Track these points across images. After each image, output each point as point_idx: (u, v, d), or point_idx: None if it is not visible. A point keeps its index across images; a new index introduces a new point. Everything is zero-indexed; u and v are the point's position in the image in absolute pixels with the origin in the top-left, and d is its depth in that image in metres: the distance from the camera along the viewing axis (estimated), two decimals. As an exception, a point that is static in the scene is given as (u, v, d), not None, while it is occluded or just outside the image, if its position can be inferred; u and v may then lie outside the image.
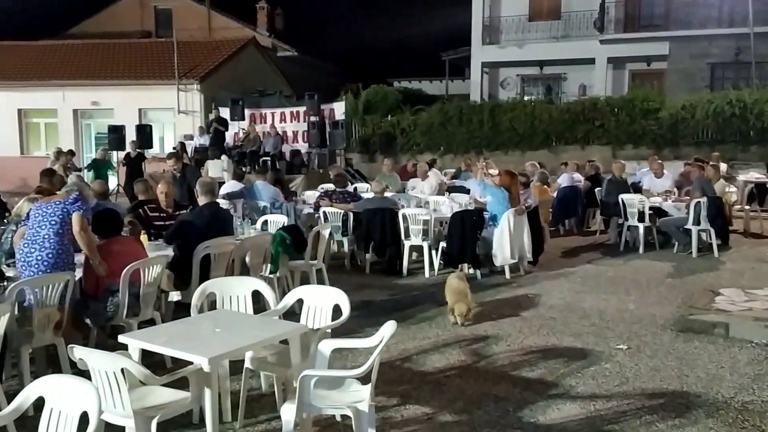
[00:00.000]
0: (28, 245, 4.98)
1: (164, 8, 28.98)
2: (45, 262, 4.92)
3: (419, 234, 8.93)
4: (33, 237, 4.99)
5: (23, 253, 4.98)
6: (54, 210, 5.03)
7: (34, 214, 5.10)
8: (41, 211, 5.07)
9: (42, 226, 4.99)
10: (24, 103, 22.77)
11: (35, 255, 4.93)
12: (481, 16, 22.82)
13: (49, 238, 4.95)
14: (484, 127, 20.12)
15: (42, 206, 5.11)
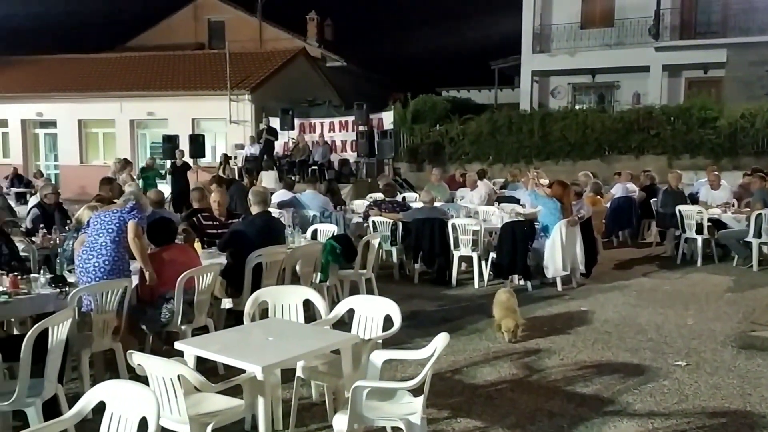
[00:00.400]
0: (87, 252, 5.12)
1: (217, 20, 29.65)
2: (102, 269, 5.06)
3: (469, 244, 8.86)
4: (91, 244, 5.13)
5: (82, 259, 5.13)
6: (111, 218, 5.17)
7: (93, 222, 5.25)
8: (100, 219, 5.21)
9: (100, 233, 5.13)
10: (84, 114, 23.58)
11: (92, 262, 5.07)
12: (532, 24, 22.60)
13: (106, 246, 5.08)
14: (534, 136, 19.90)
15: (101, 215, 5.26)
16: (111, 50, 28.49)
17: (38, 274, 5.25)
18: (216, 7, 29.59)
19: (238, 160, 19.03)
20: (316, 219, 9.48)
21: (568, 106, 22.25)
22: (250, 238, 6.09)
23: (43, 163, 24.51)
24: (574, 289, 8.58)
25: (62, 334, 3.86)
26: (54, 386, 3.94)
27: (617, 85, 23.19)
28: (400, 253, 9.46)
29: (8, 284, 4.78)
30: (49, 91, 23.51)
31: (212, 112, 22.04)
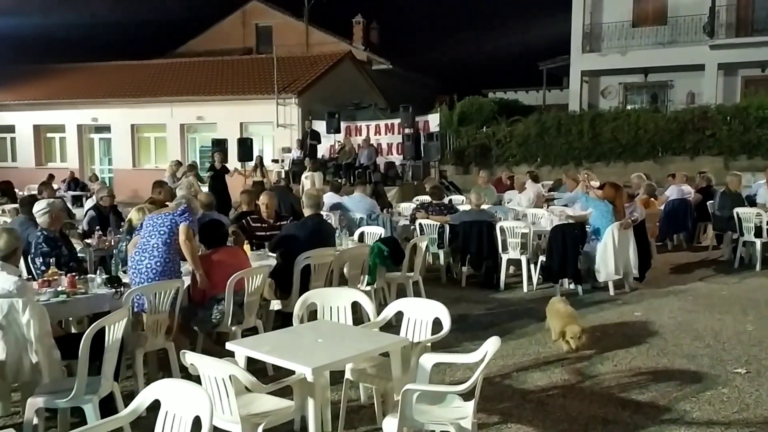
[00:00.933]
0: (139, 253, 5.24)
1: (265, 25, 30.07)
2: (153, 270, 5.16)
3: (517, 247, 8.76)
4: (143, 246, 5.25)
5: (134, 261, 5.25)
6: (163, 221, 5.28)
7: (146, 224, 5.37)
8: (152, 222, 5.33)
9: (152, 235, 5.24)
10: (137, 119, 24.21)
11: (144, 263, 5.18)
12: (582, 24, 22.23)
13: (158, 247, 5.18)
14: (584, 137, 19.57)
15: (153, 217, 5.38)
16: (162, 56, 29.17)
17: (95, 274, 5.41)
18: (264, 13, 30.03)
19: (285, 164, 19.26)
20: (363, 221, 9.50)
21: (620, 106, 21.80)
22: (301, 240, 6.14)
23: (98, 167, 25.24)
24: (627, 294, 8.38)
25: (118, 333, 3.95)
26: (110, 384, 4.03)
27: (671, 84, 22.62)
28: (447, 256, 9.41)
29: (67, 284, 4.93)
30: (103, 97, 24.22)
31: (260, 115, 22.35)
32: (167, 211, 5.40)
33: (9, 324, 4.11)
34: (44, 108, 24.88)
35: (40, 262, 5.41)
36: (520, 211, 10.73)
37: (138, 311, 4.93)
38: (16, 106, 25.12)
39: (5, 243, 4.23)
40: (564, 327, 5.95)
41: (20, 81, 26.03)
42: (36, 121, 25.50)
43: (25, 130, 25.81)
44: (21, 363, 4.15)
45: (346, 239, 7.48)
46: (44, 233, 5.54)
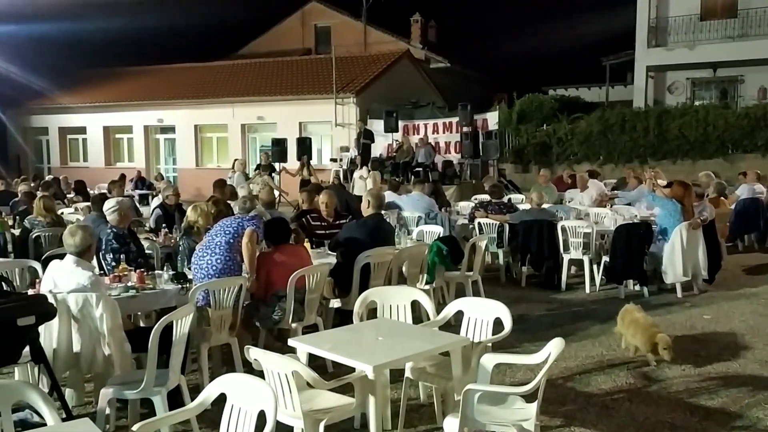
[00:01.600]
0: (202, 250, 5.37)
1: (323, 26, 30.39)
2: (214, 267, 5.27)
3: (579, 247, 8.60)
4: (208, 243, 5.38)
5: (197, 256, 5.38)
6: (231, 222, 5.41)
7: (216, 225, 5.50)
8: (222, 223, 5.46)
9: (217, 234, 5.37)
10: (200, 119, 24.85)
11: (206, 259, 5.29)
12: (647, 18, 21.58)
13: (221, 245, 5.30)
14: (649, 134, 19.02)
15: (225, 220, 5.53)
16: (225, 58, 29.84)
17: (162, 270, 5.57)
18: (323, 13, 30.36)
19: (342, 162, 19.41)
20: (421, 220, 9.49)
21: (687, 102, 21.08)
22: (361, 239, 6.18)
23: (163, 167, 26.00)
24: (696, 296, 8.11)
25: (185, 328, 4.07)
26: (177, 377, 4.15)
27: (741, 79, 21.75)
28: (506, 256, 9.32)
29: (136, 280, 5.10)
30: (169, 98, 24.95)
31: (318, 115, 22.60)
32: (238, 215, 5.55)
33: (84, 317, 4.28)
34: (113, 110, 25.84)
35: (111, 258, 5.61)
36: (582, 210, 10.51)
37: (202, 306, 5.05)
38: (87, 108, 26.14)
39: (80, 239, 4.40)
40: (653, 338, 5.45)
41: (91, 84, 27.10)
42: (106, 122, 26.50)
43: (95, 132, 26.85)
44: (94, 355, 4.32)
45: (405, 238, 7.49)
46: (114, 230, 5.74)
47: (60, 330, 4.27)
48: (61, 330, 4.28)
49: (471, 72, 30.41)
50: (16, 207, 10.56)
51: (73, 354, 4.34)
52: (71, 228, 4.53)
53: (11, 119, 27.37)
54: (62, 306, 4.23)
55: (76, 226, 4.56)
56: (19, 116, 27.40)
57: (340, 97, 21.92)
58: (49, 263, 4.64)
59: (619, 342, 6.12)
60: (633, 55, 22.23)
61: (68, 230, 4.51)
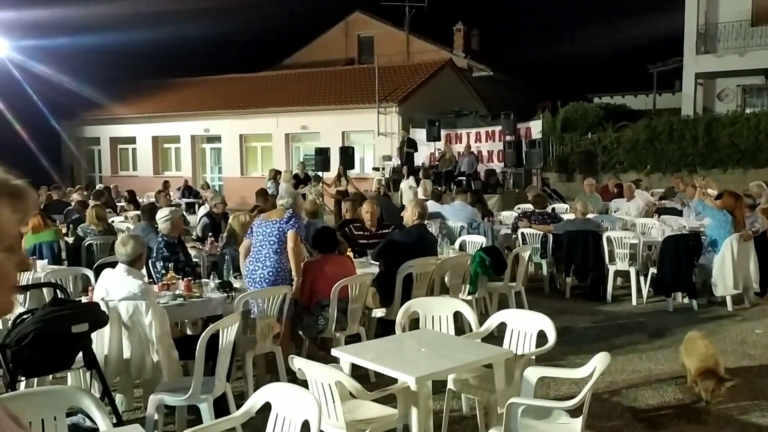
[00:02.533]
0: (253, 263, 5.42)
1: (366, 36, 30.60)
2: (267, 280, 5.35)
3: (626, 258, 8.44)
4: (256, 255, 5.44)
5: (249, 270, 5.44)
6: (272, 229, 5.46)
7: (257, 231, 5.56)
8: (261, 230, 5.51)
9: (263, 245, 5.42)
10: (245, 129, 25.27)
11: (258, 273, 5.37)
12: (696, 24, 21.10)
13: (270, 257, 5.36)
14: (698, 143, 18.55)
15: (263, 224, 5.57)
16: (269, 68, 30.31)
17: (208, 279, 5.68)
18: (366, 23, 30.58)
19: (385, 171, 19.45)
20: (463, 230, 9.45)
21: (738, 109, 20.49)
22: (405, 249, 6.20)
23: (209, 176, 26.52)
24: (747, 310, 7.88)
25: (230, 336, 4.14)
26: (223, 384, 4.23)
27: (795, 85, 21.08)
28: (550, 266, 9.21)
29: (183, 288, 5.21)
30: (215, 108, 25.47)
31: (361, 124, 22.73)
32: (275, 218, 5.56)
33: (133, 324, 4.40)
34: (161, 120, 26.48)
35: (161, 266, 5.75)
36: (628, 220, 10.33)
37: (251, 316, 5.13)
38: (137, 119, 26.89)
39: (132, 249, 4.53)
40: (698, 374, 4.91)
41: (140, 95, 27.87)
42: (154, 132, 27.19)
43: (144, 142, 27.57)
44: (144, 361, 4.43)
45: (448, 248, 7.47)
46: (165, 239, 5.89)
47: (111, 337, 4.40)
48: (112, 337, 4.40)
49: (514, 80, 30.21)
50: (70, 215, 10.91)
51: (124, 360, 4.46)
52: (123, 238, 4.67)
53: (66, 130, 28.32)
54: (113, 313, 4.36)
55: (128, 236, 4.70)
56: (72, 127, 28.33)
57: (383, 106, 22.02)
58: (101, 271, 4.78)
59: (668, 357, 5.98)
60: (681, 62, 21.74)
61: (120, 240, 4.64)
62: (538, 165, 18.05)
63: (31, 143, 24.30)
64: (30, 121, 24.40)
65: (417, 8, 28.43)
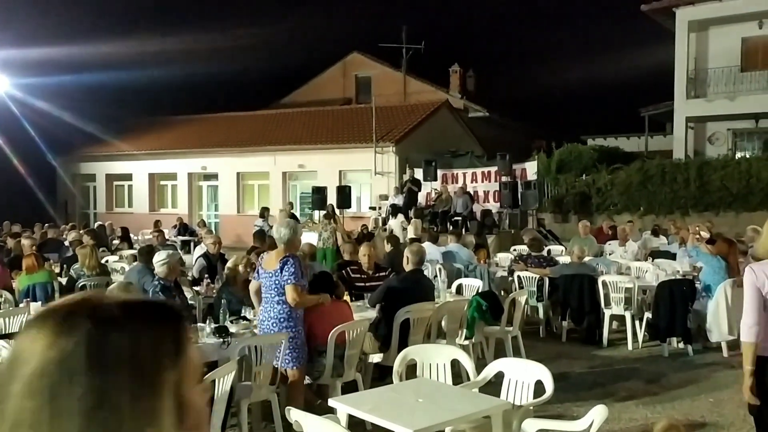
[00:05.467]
0: (263, 312, 5.27)
1: (364, 76, 31.00)
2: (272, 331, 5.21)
3: (621, 302, 8.44)
4: (265, 303, 5.27)
5: (261, 319, 5.30)
6: (271, 282, 5.24)
7: (263, 275, 5.34)
8: (265, 279, 5.30)
9: (269, 292, 5.25)
10: (242, 167, 25.37)
11: (265, 323, 5.23)
12: (686, 69, 21.49)
13: (274, 306, 5.18)
14: (690, 186, 18.72)
15: (264, 273, 5.30)
16: (267, 107, 30.60)
17: (204, 323, 5.64)
18: (363, 64, 30.99)
19: (382, 211, 19.51)
20: (460, 272, 9.45)
21: (729, 153, 20.75)
22: (402, 294, 6.18)
23: (205, 213, 26.52)
24: (743, 356, 7.84)
25: (227, 385, 4.10)
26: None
27: (785, 130, 21.37)
28: (546, 310, 9.19)
29: (179, 333, 5.14)
30: (212, 146, 25.60)
31: (358, 163, 22.87)
32: (271, 269, 5.25)
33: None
34: (158, 157, 26.58)
35: (156, 311, 5.68)
36: (623, 264, 10.34)
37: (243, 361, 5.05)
38: (133, 155, 26.97)
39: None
40: None
41: (137, 132, 27.94)
42: (151, 169, 27.26)
43: (141, 178, 27.63)
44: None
45: (444, 292, 7.45)
46: (161, 282, 5.85)
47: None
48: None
49: (509, 120, 30.54)
50: (64, 253, 10.85)
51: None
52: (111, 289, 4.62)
53: (62, 166, 28.40)
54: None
55: (122, 286, 4.67)
56: (69, 163, 28.41)
57: (380, 146, 22.19)
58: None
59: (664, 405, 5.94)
60: (672, 105, 22.07)
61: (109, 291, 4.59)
62: (534, 206, 18.16)
63: (28, 179, 24.41)
64: (27, 156, 24.54)
65: (414, 50, 28.91)
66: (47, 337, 0.81)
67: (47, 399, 0.78)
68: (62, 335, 0.81)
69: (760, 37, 20.99)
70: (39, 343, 0.81)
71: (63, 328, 0.81)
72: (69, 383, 0.78)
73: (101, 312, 0.83)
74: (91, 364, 0.79)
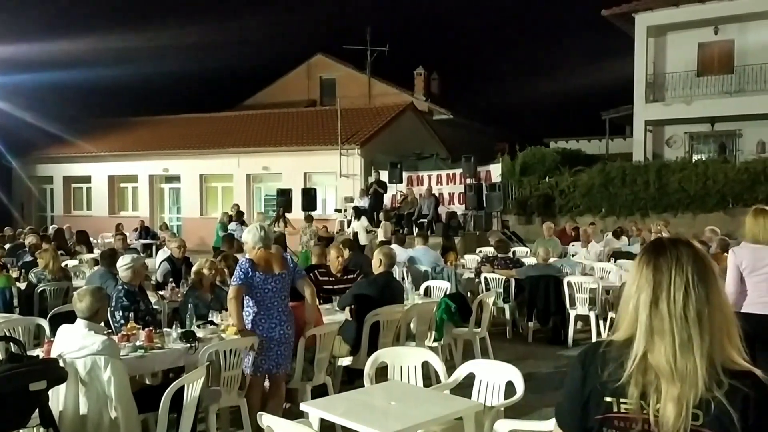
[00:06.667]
0: (276, 317, 5.08)
1: (329, 78, 30.90)
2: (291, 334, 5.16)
3: (585, 303, 8.56)
4: (273, 309, 5.08)
5: (272, 326, 5.09)
6: (285, 283, 5.14)
7: (268, 281, 5.10)
8: (275, 281, 5.11)
9: (281, 294, 5.13)
10: (205, 169, 25.02)
11: (284, 327, 5.09)
12: (645, 73, 21.94)
13: (286, 309, 5.13)
14: (650, 188, 19.09)
15: (271, 276, 5.11)
16: (231, 109, 30.26)
17: (169, 328, 5.51)
18: (328, 66, 30.89)
19: (347, 213, 19.45)
20: (427, 275, 9.46)
21: (686, 156, 21.26)
22: (372, 297, 6.15)
23: (167, 216, 26.08)
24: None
25: (195, 391, 4.01)
26: (186, 442, 4.07)
27: (739, 133, 21.94)
28: (513, 311, 9.27)
29: (144, 339, 5.04)
30: (174, 148, 25.17)
31: (323, 166, 22.76)
32: (281, 269, 5.12)
33: (91, 380, 4.22)
34: (119, 159, 26.06)
35: (120, 316, 5.56)
36: (587, 264, 10.50)
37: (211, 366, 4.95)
38: (93, 157, 26.37)
39: (89, 304, 4.36)
40: None
41: (97, 134, 27.26)
42: (111, 171, 26.68)
43: (100, 181, 27.01)
44: (101, 418, 4.24)
45: (413, 294, 7.45)
46: (125, 287, 5.71)
47: (67, 393, 4.21)
48: (68, 393, 4.21)
49: (473, 123, 30.77)
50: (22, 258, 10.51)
51: (80, 417, 4.26)
52: (79, 293, 4.50)
53: (19, 167, 27.62)
54: (71, 369, 4.18)
55: (85, 291, 4.53)
56: (25, 164, 27.64)
57: (345, 148, 22.12)
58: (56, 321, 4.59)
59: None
60: (632, 109, 22.51)
61: (77, 295, 4.47)
62: (499, 208, 18.32)
63: (-17, 181, 23.70)
64: (-18, 158, 23.84)
65: (378, 52, 28.96)
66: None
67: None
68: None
69: (715, 43, 21.55)
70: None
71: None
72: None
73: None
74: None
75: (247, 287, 4.97)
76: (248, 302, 5.06)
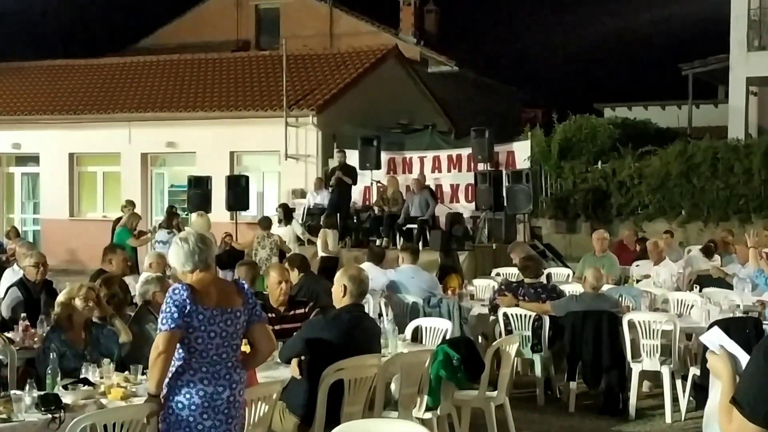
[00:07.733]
0: (227, 377, 4.88)
1: (269, 7, 30.95)
2: None
3: (656, 353, 8.66)
4: (226, 362, 4.99)
5: (207, 393, 5.07)
6: (239, 324, 5.11)
7: (218, 318, 5.12)
8: (227, 319, 4.97)
9: (235, 342, 5.01)
10: (78, 146, 24.82)
11: (239, 390, 5.07)
12: (747, 9, 22.25)
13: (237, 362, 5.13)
14: (754, 179, 19.35)
15: (223, 312, 5.09)
16: (117, 53, 30.08)
17: (20, 390, 5.47)
18: (268, -10, 30.97)
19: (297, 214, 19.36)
20: (417, 309, 9.51)
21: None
22: (331, 344, 6.15)
23: (19, 216, 25.86)
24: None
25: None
26: None
27: None
28: (546, 364, 9.35)
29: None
30: (30, 113, 24.99)
31: (260, 143, 22.73)
32: (236, 303, 5.10)
33: None
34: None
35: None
36: (658, 295, 10.61)
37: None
38: None
39: None
40: None
41: None
42: None
43: None
44: None
45: (395, 338, 7.48)
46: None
47: None
48: None
49: (489, 80, 30.90)
50: None
51: None
52: None
53: None
54: None
55: None
56: None
57: (294, 115, 22.09)
58: None
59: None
60: (727, 60, 22.81)
61: None
62: (526, 208, 18.35)
63: None
64: None
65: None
66: None
67: None
68: None
69: None
70: None
71: None
72: None
73: None
74: None
75: (184, 331, 4.89)
76: (178, 353, 4.98)
